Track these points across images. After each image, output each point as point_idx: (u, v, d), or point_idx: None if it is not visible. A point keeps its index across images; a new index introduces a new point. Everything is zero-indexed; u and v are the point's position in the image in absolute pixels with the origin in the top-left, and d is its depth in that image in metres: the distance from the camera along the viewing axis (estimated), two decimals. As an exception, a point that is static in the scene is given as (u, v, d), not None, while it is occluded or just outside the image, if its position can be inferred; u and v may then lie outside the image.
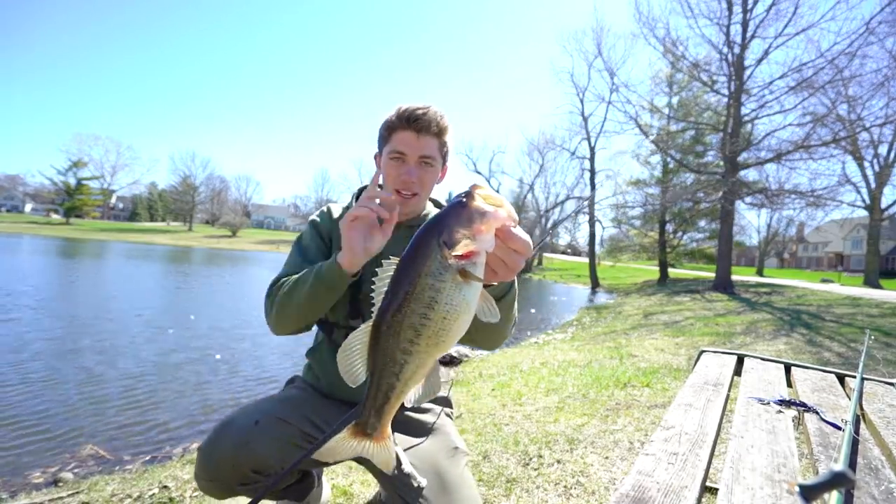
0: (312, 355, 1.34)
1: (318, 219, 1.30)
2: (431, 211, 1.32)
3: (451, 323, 0.61)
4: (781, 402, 1.07)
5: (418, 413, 1.30)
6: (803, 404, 1.21)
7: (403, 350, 0.62)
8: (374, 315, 0.64)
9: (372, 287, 0.65)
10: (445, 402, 1.40)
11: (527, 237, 0.65)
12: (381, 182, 1.18)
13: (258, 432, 1.10)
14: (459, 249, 0.58)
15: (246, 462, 1.08)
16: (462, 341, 1.02)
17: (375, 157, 1.25)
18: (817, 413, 1.16)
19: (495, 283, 0.93)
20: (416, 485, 1.05)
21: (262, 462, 1.10)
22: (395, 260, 0.63)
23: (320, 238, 1.26)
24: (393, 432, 1.18)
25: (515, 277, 1.06)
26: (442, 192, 1.42)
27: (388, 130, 1.17)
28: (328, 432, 1.16)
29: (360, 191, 1.32)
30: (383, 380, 0.65)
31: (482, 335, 1.08)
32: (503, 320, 1.03)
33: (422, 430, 1.26)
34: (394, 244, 1.15)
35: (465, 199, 0.61)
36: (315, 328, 1.28)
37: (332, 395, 1.28)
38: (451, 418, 1.38)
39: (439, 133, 1.16)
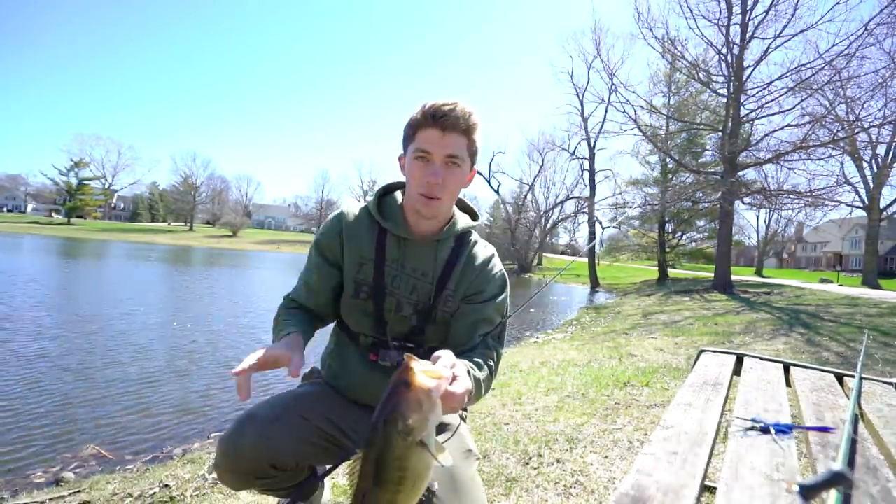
0: (332, 353, 1.31)
1: (320, 238, 1.24)
2: (459, 219, 1.24)
3: (419, 484, 0.68)
4: (780, 431, 1.07)
5: None
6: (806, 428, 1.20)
7: None
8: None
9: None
10: None
11: (466, 385, 0.73)
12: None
13: (279, 428, 1.11)
14: (417, 436, 0.65)
15: (266, 457, 1.09)
16: None
17: (399, 159, 1.18)
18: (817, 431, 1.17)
19: None
20: (428, 486, 1.06)
21: (281, 458, 1.11)
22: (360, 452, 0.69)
23: (323, 258, 1.22)
24: None
25: (477, 371, 1.08)
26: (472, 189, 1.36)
27: (413, 129, 1.10)
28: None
29: (385, 189, 1.26)
30: None
31: None
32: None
33: (436, 429, 1.26)
34: (421, 256, 1.18)
35: (407, 380, 0.66)
36: (331, 326, 1.31)
37: (351, 396, 1.26)
38: (464, 420, 1.37)
39: (467, 131, 1.08)
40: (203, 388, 4.46)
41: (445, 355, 0.77)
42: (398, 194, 1.26)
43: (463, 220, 1.24)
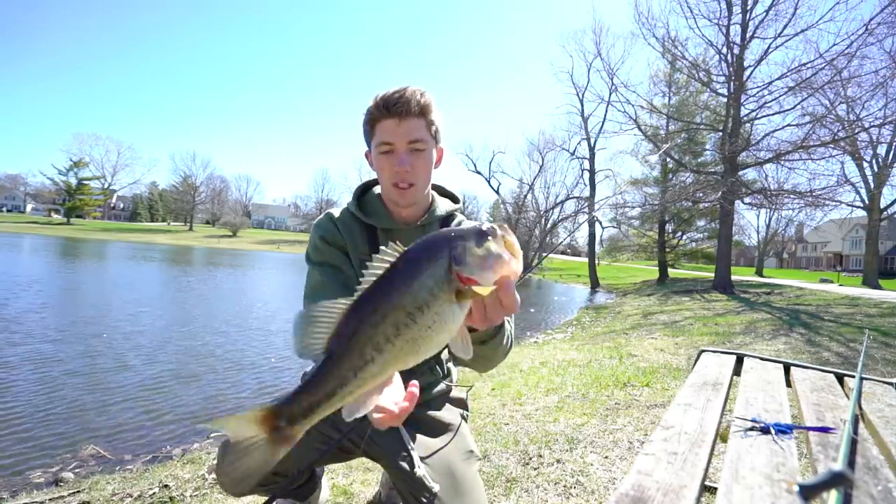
0: None
1: (323, 234, 1.20)
2: (440, 204, 1.24)
3: (432, 334, 0.58)
4: (780, 431, 1.06)
5: (436, 412, 1.28)
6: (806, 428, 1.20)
7: (375, 345, 0.57)
8: (357, 294, 0.59)
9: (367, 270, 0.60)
10: (462, 404, 1.39)
11: (518, 298, 0.63)
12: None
13: None
14: (465, 272, 0.57)
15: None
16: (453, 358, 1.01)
17: (366, 155, 1.18)
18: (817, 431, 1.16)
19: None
20: (430, 487, 1.06)
21: (284, 465, 1.10)
22: (398, 247, 0.60)
23: (328, 245, 1.18)
24: (410, 430, 1.17)
25: (510, 325, 1.02)
26: (441, 177, 1.29)
27: (370, 123, 1.10)
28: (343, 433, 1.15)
29: (362, 188, 1.26)
30: (339, 369, 0.57)
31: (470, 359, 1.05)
32: (483, 358, 1.00)
33: (438, 428, 1.25)
34: (410, 243, 1.10)
35: (489, 230, 0.60)
36: None
37: None
38: (465, 420, 1.36)
39: (422, 112, 1.08)
40: (203, 387, 4.46)
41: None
42: (376, 189, 1.26)
43: (444, 205, 1.25)
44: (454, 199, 1.31)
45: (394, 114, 1.05)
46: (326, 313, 0.58)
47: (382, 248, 0.60)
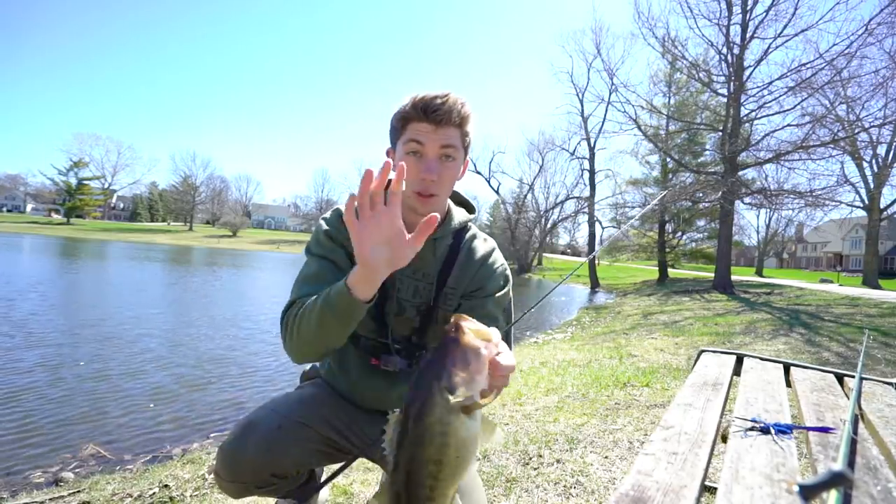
0: (334, 355, 1.23)
1: (330, 229, 1.13)
2: (456, 215, 1.18)
3: (463, 458, 0.62)
4: (780, 431, 1.07)
5: None
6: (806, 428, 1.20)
7: (425, 497, 0.62)
8: (389, 470, 0.64)
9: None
10: None
11: (512, 362, 0.65)
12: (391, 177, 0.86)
13: (281, 437, 1.09)
14: (460, 396, 0.60)
15: (268, 467, 1.07)
16: None
17: (388, 153, 1.10)
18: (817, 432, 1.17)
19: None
20: None
21: (283, 467, 1.10)
22: (397, 412, 0.64)
23: (332, 240, 1.11)
24: None
25: (511, 338, 1.09)
26: (463, 180, 1.17)
27: (402, 122, 1.02)
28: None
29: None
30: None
31: None
32: None
33: None
34: (419, 255, 0.97)
35: (456, 337, 0.62)
36: None
37: (351, 399, 1.24)
38: None
39: (461, 123, 1.02)
40: (203, 388, 4.46)
41: (493, 330, 0.69)
42: None
43: (459, 215, 1.20)
44: (470, 209, 1.26)
45: (432, 120, 0.99)
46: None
47: (390, 413, 0.63)
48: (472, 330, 0.63)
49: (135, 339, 6.18)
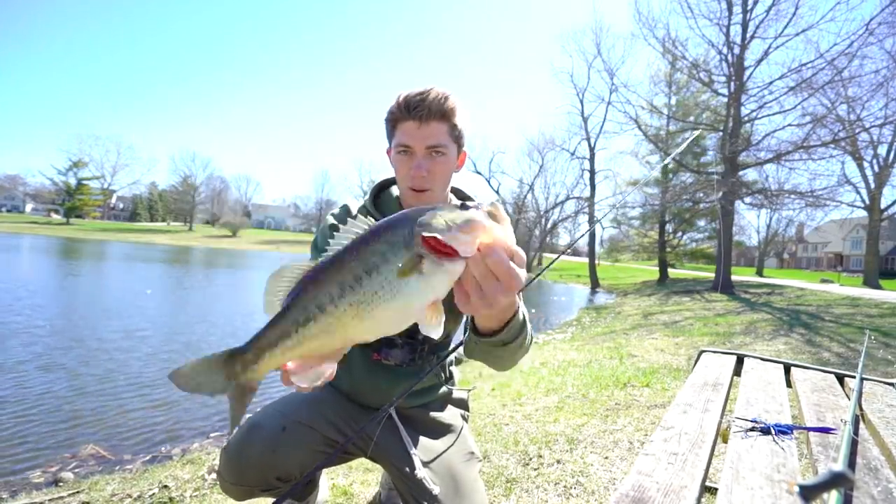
0: None
1: (335, 221, 1.18)
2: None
3: (379, 301, 0.56)
4: (780, 431, 1.06)
5: (437, 413, 1.28)
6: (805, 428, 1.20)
7: (318, 304, 0.57)
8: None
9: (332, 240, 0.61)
10: (463, 404, 1.39)
11: (514, 269, 0.57)
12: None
13: (285, 440, 1.09)
14: (433, 234, 0.54)
15: (272, 470, 1.08)
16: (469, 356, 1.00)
17: (387, 152, 1.14)
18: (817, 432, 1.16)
19: (495, 331, 0.86)
20: (430, 490, 1.05)
21: (287, 470, 1.10)
22: (369, 220, 0.61)
23: None
24: (412, 432, 1.17)
25: (529, 324, 0.96)
26: (462, 180, 1.22)
27: (392, 123, 1.07)
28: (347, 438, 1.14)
29: (379, 186, 1.24)
30: (284, 321, 0.59)
31: (483, 357, 1.00)
32: (505, 359, 0.96)
33: (439, 430, 1.24)
34: None
35: (469, 204, 0.59)
36: None
37: (354, 398, 1.24)
38: (466, 421, 1.36)
39: (446, 116, 1.04)
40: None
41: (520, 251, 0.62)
42: (394, 189, 1.24)
43: None
44: None
45: (414, 117, 1.02)
46: (292, 273, 0.61)
47: (350, 219, 0.61)
48: (492, 210, 0.59)
49: (135, 339, 6.18)
